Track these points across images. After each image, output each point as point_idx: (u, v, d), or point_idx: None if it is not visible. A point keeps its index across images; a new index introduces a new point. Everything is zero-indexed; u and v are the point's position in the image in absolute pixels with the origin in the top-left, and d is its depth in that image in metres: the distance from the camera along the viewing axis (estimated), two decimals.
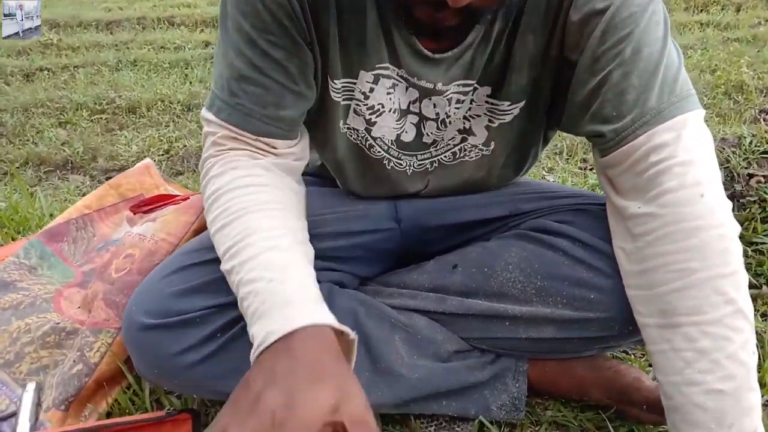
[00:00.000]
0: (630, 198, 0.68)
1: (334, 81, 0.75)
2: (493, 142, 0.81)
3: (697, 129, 0.65)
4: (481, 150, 0.82)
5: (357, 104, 0.78)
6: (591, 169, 2.12)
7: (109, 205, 1.22)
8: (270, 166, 0.74)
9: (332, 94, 0.76)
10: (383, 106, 0.77)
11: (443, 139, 0.81)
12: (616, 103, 0.66)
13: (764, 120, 1.93)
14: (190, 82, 3.23)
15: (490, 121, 0.79)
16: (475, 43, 0.71)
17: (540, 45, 0.71)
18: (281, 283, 0.61)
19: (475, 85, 0.75)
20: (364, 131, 0.80)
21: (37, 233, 1.16)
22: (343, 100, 0.77)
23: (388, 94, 0.76)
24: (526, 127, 0.80)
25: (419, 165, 0.84)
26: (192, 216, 1.01)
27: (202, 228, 1.00)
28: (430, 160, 0.84)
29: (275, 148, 0.74)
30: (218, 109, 0.72)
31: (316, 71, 0.74)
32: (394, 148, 0.82)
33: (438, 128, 0.80)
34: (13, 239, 1.39)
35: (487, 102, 0.77)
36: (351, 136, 0.81)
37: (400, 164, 0.84)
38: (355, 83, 0.76)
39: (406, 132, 0.80)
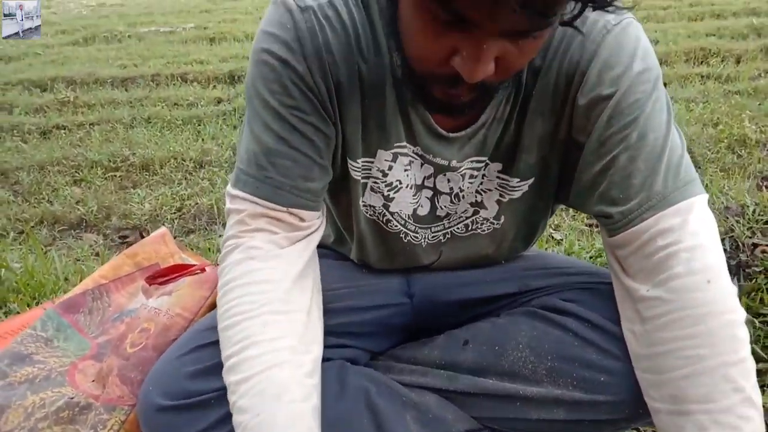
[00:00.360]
0: (638, 280, 0.70)
1: (356, 161, 0.78)
2: (503, 216, 0.84)
3: (702, 214, 0.68)
4: (492, 223, 0.85)
5: (374, 182, 0.81)
6: (596, 226, 2.14)
7: (125, 274, 1.24)
8: (291, 246, 0.74)
9: (352, 173, 0.80)
10: (401, 183, 0.80)
11: (456, 212, 0.84)
12: (622, 186, 0.69)
13: (767, 187, 1.95)
14: (203, 139, 3.30)
15: (501, 195, 0.82)
16: (487, 123, 0.75)
17: (548, 127, 0.75)
18: (270, 419, 0.62)
19: (487, 161, 0.78)
20: (381, 207, 0.83)
21: (54, 303, 1.18)
22: (362, 178, 0.80)
23: (406, 170, 0.79)
24: (535, 203, 0.83)
25: (433, 237, 0.87)
26: (207, 290, 1.03)
27: None
28: (443, 231, 0.87)
29: (304, 220, 0.75)
30: (245, 183, 0.73)
31: (336, 148, 0.77)
32: (411, 222, 0.85)
33: (451, 202, 0.82)
34: (28, 306, 1.41)
35: (498, 177, 0.80)
36: (367, 212, 0.84)
37: (416, 237, 0.87)
38: (372, 162, 0.79)
39: (421, 206, 0.83)
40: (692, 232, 0.66)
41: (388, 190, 0.81)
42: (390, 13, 0.65)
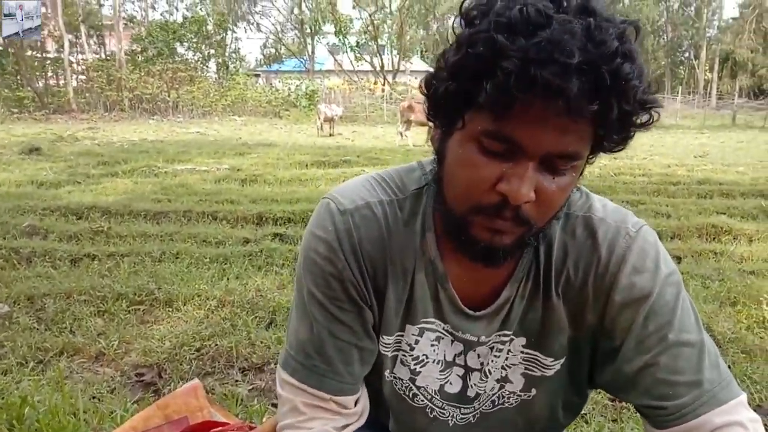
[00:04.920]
0: None
1: (384, 337, 0.84)
2: (534, 389, 0.86)
3: (749, 411, 0.74)
4: (520, 396, 0.86)
5: (404, 355, 0.85)
6: (618, 400, 2.10)
7: (154, 426, 1.24)
8: None
9: (382, 349, 0.85)
10: (427, 357, 0.85)
11: (485, 392, 0.86)
12: (670, 383, 0.74)
13: None
14: (227, 278, 3.37)
15: (527, 369, 0.84)
16: (510, 298, 0.80)
17: (576, 311, 0.80)
18: None
19: (512, 336, 0.82)
20: (408, 381, 0.87)
21: None
22: (392, 351, 0.85)
23: (432, 345, 0.84)
24: (569, 383, 0.86)
25: (462, 419, 0.89)
26: None
27: None
28: (473, 413, 0.89)
29: (346, 408, 0.82)
30: (293, 369, 0.82)
31: (374, 327, 0.84)
32: (438, 398, 0.87)
33: (481, 379, 0.85)
34: None
35: (522, 352, 0.84)
36: (396, 385, 0.88)
37: (443, 413, 0.89)
38: (403, 335, 0.84)
39: (451, 383, 0.86)
40: (746, 427, 0.72)
41: (414, 364, 0.86)
42: (436, 173, 0.75)
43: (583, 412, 2.02)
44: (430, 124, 0.75)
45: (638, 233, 0.77)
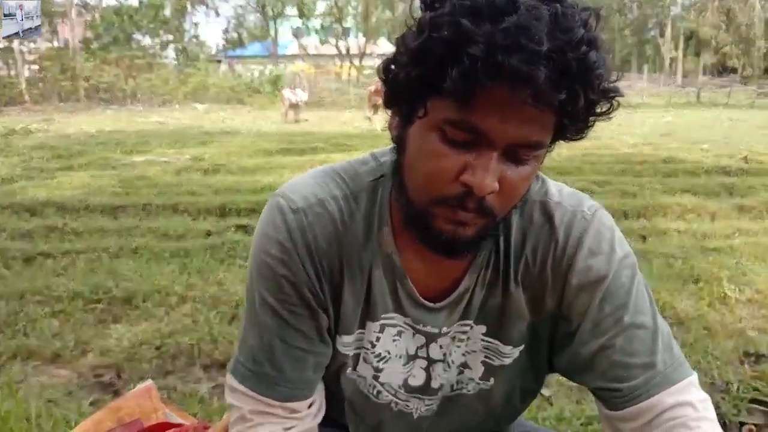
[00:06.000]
0: None
1: (344, 336, 0.82)
2: (493, 378, 0.85)
3: (699, 391, 0.76)
4: (479, 384, 0.86)
5: (366, 353, 0.83)
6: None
7: (106, 430, 1.18)
8: None
9: (341, 348, 0.82)
10: (390, 353, 0.83)
11: (448, 381, 0.85)
12: (624, 365, 0.75)
13: (748, 364, 1.97)
14: (189, 273, 3.29)
15: (487, 357, 0.84)
16: (470, 288, 0.79)
17: (535, 297, 0.80)
18: None
19: (472, 324, 0.82)
20: (371, 379, 0.85)
21: None
22: (354, 350, 0.83)
23: (394, 341, 0.82)
24: (527, 370, 0.85)
25: (426, 409, 0.88)
26: None
27: None
28: (436, 402, 0.88)
29: (298, 411, 0.79)
30: (243, 377, 0.79)
31: (329, 330, 0.81)
32: (402, 392, 0.86)
33: (444, 370, 0.84)
34: None
35: (482, 340, 0.83)
36: (359, 384, 0.86)
37: (408, 406, 0.87)
38: (364, 333, 0.82)
39: (414, 376, 0.85)
40: (696, 407, 0.73)
41: (377, 361, 0.84)
42: (396, 163, 0.73)
43: (548, 394, 2.03)
44: (389, 111, 0.71)
45: (594, 216, 0.77)
